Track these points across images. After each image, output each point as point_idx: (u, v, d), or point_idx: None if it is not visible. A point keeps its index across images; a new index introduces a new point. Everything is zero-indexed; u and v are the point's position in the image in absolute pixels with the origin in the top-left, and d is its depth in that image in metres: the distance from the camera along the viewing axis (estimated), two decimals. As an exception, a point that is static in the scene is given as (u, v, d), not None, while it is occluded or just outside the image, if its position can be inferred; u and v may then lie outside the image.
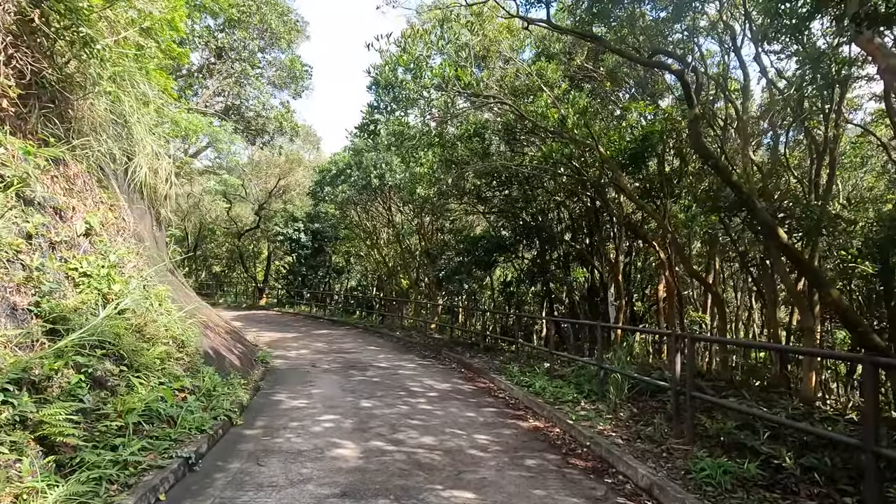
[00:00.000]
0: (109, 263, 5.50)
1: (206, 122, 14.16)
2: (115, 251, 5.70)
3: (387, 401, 7.94)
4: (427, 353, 13.84)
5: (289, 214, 26.19)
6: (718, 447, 5.30)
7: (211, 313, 13.01)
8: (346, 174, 17.47)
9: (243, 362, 9.28)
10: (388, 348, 14.58)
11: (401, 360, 12.34)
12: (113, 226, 6.55)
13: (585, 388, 8.14)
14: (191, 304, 12.01)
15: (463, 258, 13.97)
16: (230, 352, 9.26)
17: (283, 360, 11.78)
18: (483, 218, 17.55)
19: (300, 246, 26.02)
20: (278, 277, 32.98)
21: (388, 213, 19.35)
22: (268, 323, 21.02)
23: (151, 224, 12.82)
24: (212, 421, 5.74)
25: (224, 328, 11.48)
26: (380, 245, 24.37)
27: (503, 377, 9.75)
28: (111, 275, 5.37)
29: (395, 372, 10.67)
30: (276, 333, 17.31)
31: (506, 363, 11.25)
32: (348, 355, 12.89)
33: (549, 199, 12.35)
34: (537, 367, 10.33)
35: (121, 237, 6.71)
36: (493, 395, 8.74)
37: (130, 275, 6.09)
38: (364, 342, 15.73)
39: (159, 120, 11.57)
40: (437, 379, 10.01)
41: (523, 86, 10.14)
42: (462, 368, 11.48)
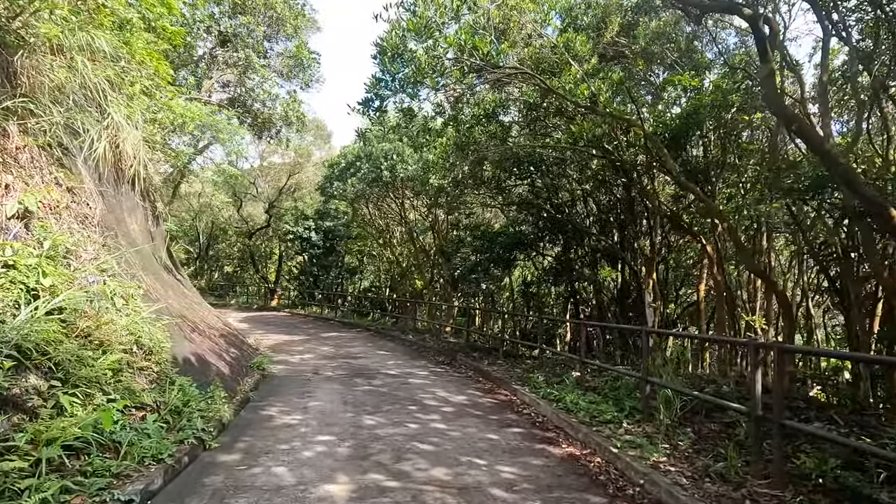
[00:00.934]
0: (44, 252, 4.50)
1: (208, 111, 13.29)
2: (50, 237, 4.68)
3: (393, 417, 6.82)
4: (441, 358, 12.71)
5: (299, 212, 25.34)
6: (819, 493, 4.05)
7: (208, 314, 12.09)
8: (356, 167, 16.46)
9: (234, 370, 8.28)
10: (399, 353, 13.49)
11: (412, 367, 11.23)
12: (67, 210, 5.57)
13: (626, 404, 6.90)
14: (186, 303, 11.11)
15: (480, 256, 12.83)
16: (219, 358, 8.26)
17: (283, 366, 10.77)
18: (501, 213, 16.36)
19: (311, 245, 25.14)
20: (290, 278, 32.23)
21: (400, 208, 18.29)
22: (276, 325, 20.16)
23: (146, 218, 11.97)
24: (175, 446, 4.70)
25: (219, 331, 10.53)
26: (392, 244, 23.35)
27: (527, 389, 8.56)
28: (42, 266, 4.36)
29: (405, 381, 9.57)
30: (282, 336, 16.38)
31: (529, 372, 10.06)
32: (355, 361, 11.84)
33: (575, 189, 11.10)
34: (565, 376, 9.11)
35: (78, 224, 5.73)
36: (516, 411, 7.56)
37: (78, 267, 5.09)
38: (374, 346, 14.68)
39: (150, 104, 10.70)
40: (452, 390, 8.87)
41: (549, 59, 8.96)
42: (480, 377, 10.31)
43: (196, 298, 13.46)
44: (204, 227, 33.40)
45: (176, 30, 10.90)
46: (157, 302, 7.53)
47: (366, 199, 18.31)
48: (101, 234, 6.17)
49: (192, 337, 7.96)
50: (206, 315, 11.73)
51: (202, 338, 8.50)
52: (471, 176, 10.88)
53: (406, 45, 7.18)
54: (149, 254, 10.93)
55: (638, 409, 6.70)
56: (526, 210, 12.32)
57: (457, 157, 9.84)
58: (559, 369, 10.42)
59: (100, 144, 6.06)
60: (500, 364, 11.27)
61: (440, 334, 15.97)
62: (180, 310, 9.19)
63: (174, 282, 12.51)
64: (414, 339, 15.54)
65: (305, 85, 17.15)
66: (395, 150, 15.31)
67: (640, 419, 6.38)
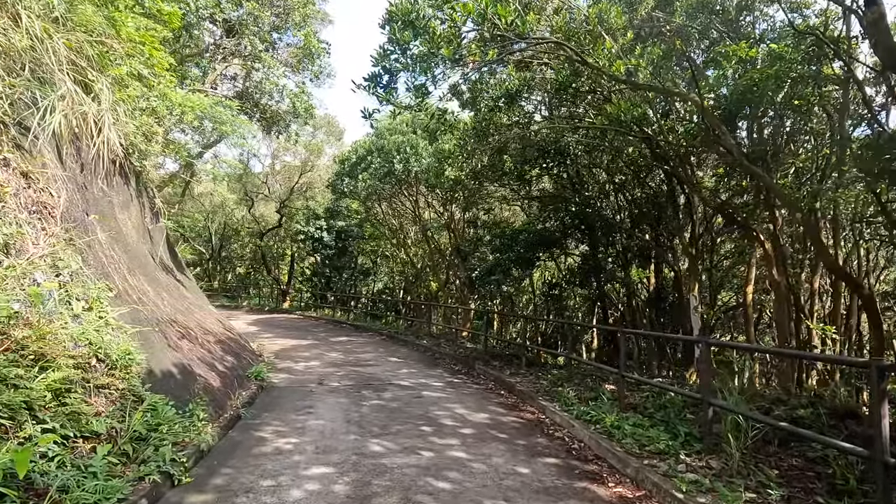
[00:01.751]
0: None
1: (210, 102, 12.51)
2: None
3: (404, 441, 5.84)
4: (458, 366, 11.70)
5: (310, 211, 24.57)
6: None
7: (208, 318, 11.29)
8: (367, 162, 15.55)
9: (227, 382, 7.38)
10: (413, 360, 12.52)
11: (426, 377, 10.24)
12: (14, 197, 4.70)
13: (679, 429, 5.80)
14: (183, 306, 10.31)
15: (499, 256, 11.81)
16: (211, 368, 7.38)
17: (286, 376, 9.88)
18: (522, 210, 15.29)
19: (323, 245, 24.35)
20: (303, 280, 31.55)
21: (414, 206, 17.35)
22: (286, 328, 19.38)
23: (141, 214, 11.22)
24: (131, 486, 3.78)
25: (217, 337, 9.69)
26: (406, 244, 22.44)
27: (557, 405, 7.50)
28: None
29: (419, 393, 8.58)
30: (290, 340, 15.56)
31: (556, 384, 8.99)
32: (365, 369, 10.90)
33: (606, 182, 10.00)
34: (599, 391, 8.03)
35: (30, 213, 4.86)
36: (546, 434, 6.50)
37: (15, 264, 4.20)
38: (386, 352, 13.74)
39: (144, 92, 9.94)
40: (471, 405, 7.85)
41: (580, 31, 7.90)
42: (501, 390, 9.27)
43: (198, 301, 12.69)
44: (217, 228, 32.96)
45: (172, 10, 10.14)
46: (140, 305, 6.68)
47: (378, 196, 17.40)
48: (64, 226, 5.31)
49: (180, 345, 7.09)
50: (206, 319, 10.92)
51: (193, 345, 7.63)
52: (490, 167, 9.86)
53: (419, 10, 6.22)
54: (143, 252, 10.16)
55: (695, 436, 5.60)
56: (551, 205, 11.22)
57: (475, 145, 8.83)
58: (590, 381, 9.34)
59: (53, 118, 5.20)
60: (523, 374, 10.23)
61: (456, 339, 14.98)
62: (171, 314, 8.36)
63: (173, 283, 11.74)
64: (428, 345, 14.56)
65: (315, 77, 16.33)
66: (409, 142, 14.36)
67: (700, 450, 5.27)
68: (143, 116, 10.32)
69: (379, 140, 15.57)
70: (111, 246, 7.99)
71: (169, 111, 11.31)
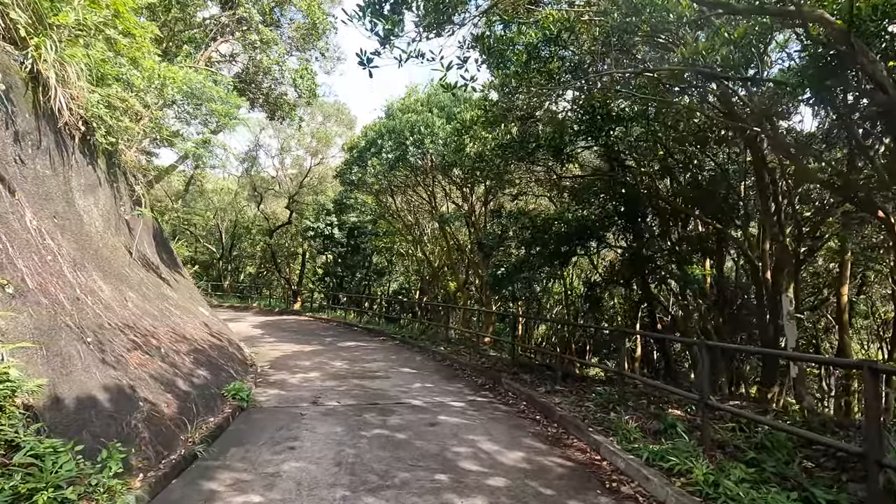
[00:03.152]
0: None
1: (201, 77, 11.03)
2: None
3: (412, 499, 4.13)
4: (481, 380, 9.95)
5: (320, 206, 23.08)
6: None
7: (191, 322, 9.76)
8: (378, 145, 13.91)
9: (187, 406, 5.77)
10: (429, 371, 10.81)
11: (443, 395, 8.52)
12: None
13: (821, 498, 3.93)
14: (156, 308, 8.80)
15: (529, 250, 10.05)
16: (167, 389, 5.77)
17: (276, 392, 8.27)
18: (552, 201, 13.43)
19: (334, 243, 22.84)
20: (315, 279, 30.17)
21: (430, 197, 15.66)
22: (292, 332, 17.89)
23: (114, 201, 9.76)
24: None
25: (192, 345, 8.13)
26: (423, 241, 20.76)
27: (615, 441, 5.70)
28: None
29: (435, 418, 6.86)
30: (292, 346, 14.03)
31: (605, 407, 7.18)
32: (372, 383, 9.24)
33: (664, 156, 8.11)
34: (665, 420, 6.18)
35: None
36: (609, 489, 4.70)
37: None
38: (398, 361, 12.06)
39: (108, 54, 8.45)
40: (501, 438, 6.09)
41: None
42: (536, 412, 7.48)
43: (185, 302, 11.20)
44: (227, 226, 31.85)
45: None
46: (63, 308, 5.11)
47: (391, 187, 15.77)
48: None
49: (125, 359, 5.50)
50: (187, 323, 9.39)
51: (148, 358, 6.04)
52: (520, 140, 8.10)
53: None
54: (111, 245, 8.67)
55: None
56: (593, 187, 9.35)
57: (503, 108, 7.07)
58: (648, 403, 7.49)
59: None
60: (560, 391, 8.42)
61: (477, 346, 13.23)
62: (130, 318, 6.81)
63: (153, 281, 10.27)
64: (446, 352, 12.84)
65: (321, 54, 14.80)
66: (423, 121, 12.69)
67: (866, 536, 3.42)
68: (113, 85, 8.84)
69: (390, 122, 13.91)
70: (53, 234, 6.48)
71: (149, 83, 9.83)
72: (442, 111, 12.96)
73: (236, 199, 30.65)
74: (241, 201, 28.85)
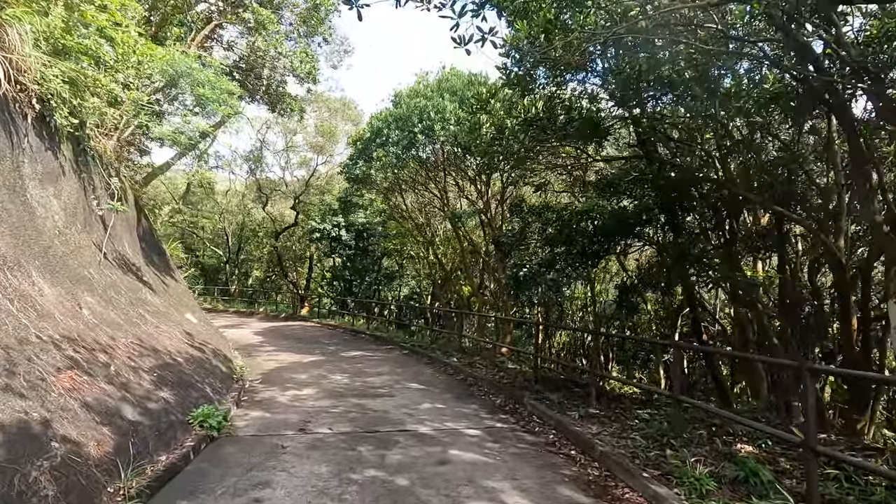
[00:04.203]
0: None
1: (190, 59, 9.95)
2: None
3: None
4: (499, 399, 8.61)
5: (326, 206, 21.96)
6: None
7: (166, 330, 8.60)
8: (384, 136, 12.67)
9: (125, 445, 4.54)
10: (440, 387, 9.50)
11: (457, 418, 7.20)
12: None
13: None
14: (122, 316, 7.66)
15: (554, 249, 8.71)
16: (104, 420, 4.56)
17: (259, 414, 7.04)
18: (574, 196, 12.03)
19: (342, 245, 21.68)
20: (324, 284, 29.08)
21: (442, 194, 14.40)
22: (294, 339, 16.74)
23: (83, 193, 8.64)
24: None
25: (160, 359, 6.94)
26: (434, 242, 19.49)
27: (681, 493, 4.33)
28: None
29: (445, 454, 5.55)
30: (292, 356, 12.84)
31: (656, 439, 5.80)
32: (374, 402, 7.97)
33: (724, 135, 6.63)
34: (746, 464, 4.77)
35: None
36: (692, 578, 3.33)
37: None
38: (405, 374, 10.78)
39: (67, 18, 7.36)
40: (531, 485, 4.75)
41: None
42: (570, 445, 6.12)
43: (166, 307, 10.08)
44: (234, 229, 30.99)
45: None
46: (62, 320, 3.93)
47: (399, 184, 14.53)
48: None
49: (46, 383, 4.29)
50: (162, 332, 8.24)
51: (85, 380, 4.84)
52: (547, 113, 6.77)
53: None
54: (74, 242, 7.54)
55: None
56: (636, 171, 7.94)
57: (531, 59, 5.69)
58: (708, 435, 6.07)
59: None
60: (596, 416, 7.05)
61: (494, 357, 11.89)
62: (74, 329, 5.64)
63: (130, 284, 9.15)
64: (459, 364, 11.52)
65: (324, 41, 13.72)
66: (433, 106, 11.45)
67: None
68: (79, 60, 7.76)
69: (397, 110, 12.70)
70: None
71: (123, 61, 8.74)
72: (454, 95, 11.70)
73: (243, 200, 29.78)
74: (247, 203, 27.93)
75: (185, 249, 33.41)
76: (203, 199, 30.35)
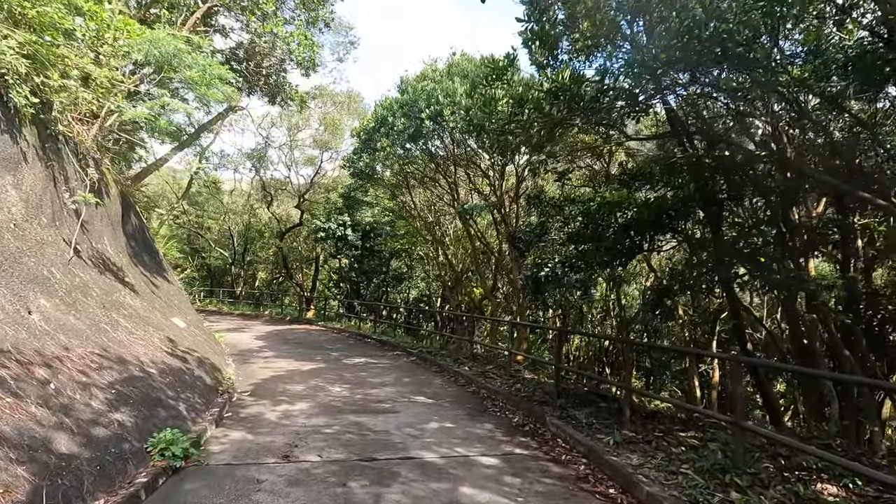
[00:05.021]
0: None
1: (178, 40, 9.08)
2: None
3: None
4: (517, 417, 7.56)
5: (331, 205, 21.07)
6: None
7: (140, 338, 7.71)
8: (389, 124, 11.68)
9: (46, 489, 3.59)
10: (449, 402, 8.47)
11: (468, 442, 6.17)
12: None
13: None
14: (84, 320, 6.76)
15: (579, 246, 7.64)
16: (24, 456, 3.61)
17: (240, 436, 6.09)
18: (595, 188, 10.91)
19: (348, 245, 20.76)
20: (330, 285, 28.23)
21: (452, 187, 13.39)
22: (296, 344, 15.83)
23: (52, 183, 7.80)
24: None
25: (121, 374, 6.02)
26: (444, 242, 18.47)
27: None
28: None
29: (454, 492, 4.55)
30: (290, 363, 11.92)
31: (715, 476, 4.71)
32: (373, 420, 6.97)
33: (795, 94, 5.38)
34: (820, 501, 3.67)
35: None
36: None
37: None
38: (411, 385, 9.78)
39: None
40: (564, 544, 3.70)
41: None
42: (606, 480, 5.06)
43: (147, 311, 9.19)
44: (240, 230, 30.29)
45: None
46: None
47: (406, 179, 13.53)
48: None
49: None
50: (135, 339, 7.33)
51: (9, 402, 3.90)
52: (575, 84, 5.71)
53: None
54: (31, 237, 6.67)
55: None
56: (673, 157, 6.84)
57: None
58: (779, 471, 4.96)
59: None
60: (633, 441, 5.98)
61: (509, 366, 10.83)
62: (11, 338, 4.72)
63: (106, 285, 8.26)
64: (471, 374, 10.49)
65: (325, 25, 12.82)
66: (442, 89, 10.44)
67: None
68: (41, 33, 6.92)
69: (403, 96, 11.71)
70: None
71: (98, 37, 7.89)
72: (465, 79, 10.69)
73: (249, 200, 29.06)
74: (253, 203, 27.19)
75: (191, 251, 32.83)
76: (209, 200, 29.70)
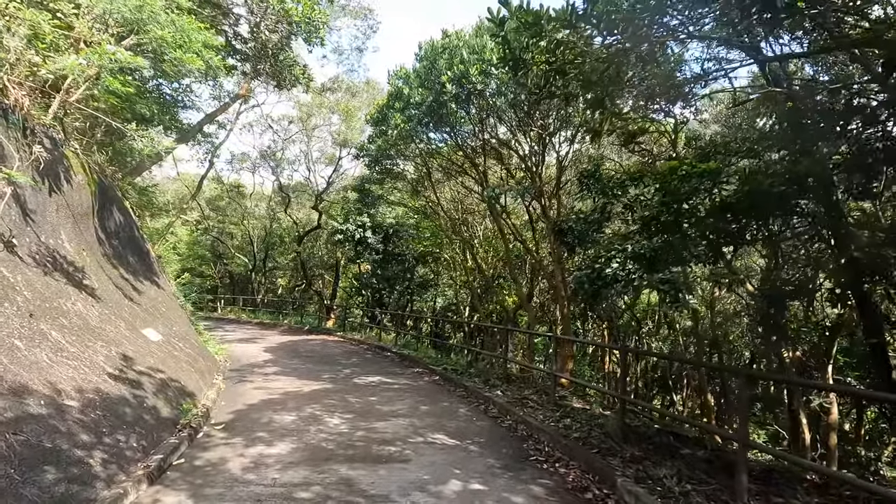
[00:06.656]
0: None
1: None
2: None
3: None
4: (572, 473, 5.45)
5: (350, 204, 19.42)
6: None
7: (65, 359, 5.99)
8: (404, 97, 9.78)
9: None
10: (477, 446, 6.40)
11: (506, 524, 4.12)
12: None
13: None
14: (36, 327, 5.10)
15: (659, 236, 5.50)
16: None
17: (180, 499, 4.23)
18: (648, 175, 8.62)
19: (367, 249, 19.03)
20: (352, 293, 26.57)
21: (481, 177, 11.39)
22: (306, 358, 14.10)
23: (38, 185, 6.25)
24: None
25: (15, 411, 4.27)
26: (474, 245, 16.45)
27: None
28: None
29: None
30: (293, 382, 10.15)
31: None
32: (370, 477, 5.01)
33: None
34: None
35: None
36: None
37: None
38: (430, 417, 7.77)
39: None
40: None
41: None
42: None
43: (100, 321, 7.50)
44: (261, 235, 29.12)
45: None
46: None
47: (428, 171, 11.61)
48: None
49: None
50: (68, 359, 5.62)
51: None
52: None
53: None
54: None
55: None
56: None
57: None
58: None
59: None
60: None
61: (553, 391, 8.67)
62: None
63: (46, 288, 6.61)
64: (505, 401, 8.42)
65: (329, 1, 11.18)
66: (469, 46, 8.48)
67: None
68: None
69: (421, 63, 9.82)
70: None
71: None
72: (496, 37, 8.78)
73: (269, 204, 27.86)
74: (274, 206, 25.91)
75: (213, 257, 31.91)
76: (230, 204, 28.67)
